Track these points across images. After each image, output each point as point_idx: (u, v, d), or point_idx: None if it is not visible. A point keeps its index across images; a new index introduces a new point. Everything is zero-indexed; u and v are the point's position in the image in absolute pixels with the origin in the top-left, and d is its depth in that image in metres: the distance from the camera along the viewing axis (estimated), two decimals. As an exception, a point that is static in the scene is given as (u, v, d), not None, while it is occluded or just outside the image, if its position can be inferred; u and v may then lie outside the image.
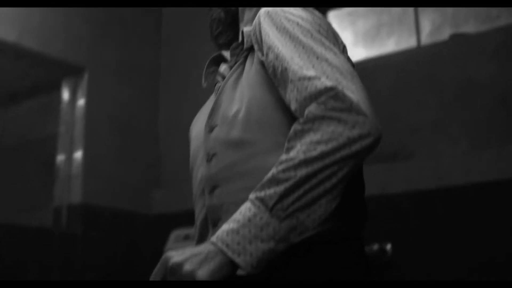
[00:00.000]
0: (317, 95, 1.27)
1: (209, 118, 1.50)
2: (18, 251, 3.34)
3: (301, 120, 1.28)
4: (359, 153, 1.24)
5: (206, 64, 1.67)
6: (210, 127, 1.48)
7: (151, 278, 1.28)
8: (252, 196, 1.26)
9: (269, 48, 1.40)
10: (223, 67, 1.62)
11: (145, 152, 3.99)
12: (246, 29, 1.54)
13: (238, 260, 1.22)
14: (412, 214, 3.33)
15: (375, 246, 3.33)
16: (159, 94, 4.25)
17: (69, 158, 3.82)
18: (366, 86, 1.32)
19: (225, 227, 1.25)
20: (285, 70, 1.35)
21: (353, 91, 1.26)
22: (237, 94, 1.47)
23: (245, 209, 1.25)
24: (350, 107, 1.24)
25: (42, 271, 3.41)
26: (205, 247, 1.25)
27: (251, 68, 1.47)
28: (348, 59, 1.45)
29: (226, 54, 1.64)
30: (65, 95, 3.93)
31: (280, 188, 1.23)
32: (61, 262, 3.49)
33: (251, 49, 1.51)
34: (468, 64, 3.33)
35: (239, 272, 1.26)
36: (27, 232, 3.42)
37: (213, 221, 1.46)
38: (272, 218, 1.22)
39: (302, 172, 1.23)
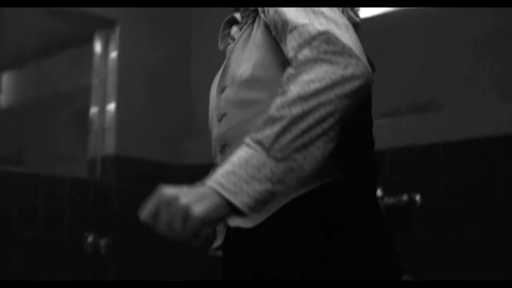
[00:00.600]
0: (310, 40, 1.29)
1: (221, 79, 1.55)
2: (54, 201, 3.41)
3: (294, 64, 1.30)
4: (353, 93, 1.26)
5: (222, 26, 1.70)
6: (221, 88, 1.54)
7: (142, 214, 1.25)
8: (247, 139, 1.25)
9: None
10: (234, 29, 1.66)
11: (177, 103, 4.03)
12: None
13: (235, 201, 1.20)
14: (442, 165, 3.34)
15: (404, 197, 3.34)
16: (191, 45, 4.26)
17: (102, 110, 3.87)
18: (398, 37, 1.35)
19: (220, 170, 1.23)
20: (284, 22, 1.37)
21: (346, 38, 1.29)
22: (245, 55, 1.50)
23: (241, 152, 1.24)
24: (343, 50, 1.27)
25: (77, 221, 3.49)
26: (201, 188, 1.23)
27: (257, 29, 1.50)
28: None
29: (238, 16, 1.66)
30: (98, 47, 3.97)
31: (277, 127, 1.23)
32: (96, 212, 3.56)
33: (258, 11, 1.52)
34: (499, 15, 3.30)
35: (235, 217, 1.25)
36: (63, 182, 3.49)
37: None
38: (269, 159, 1.21)
39: (297, 109, 1.23)
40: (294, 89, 1.25)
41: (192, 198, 1.20)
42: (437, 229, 3.29)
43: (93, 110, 3.92)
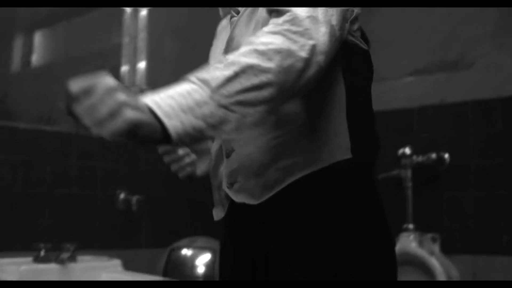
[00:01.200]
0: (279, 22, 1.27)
1: (225, 50, 1.56)
2: (85, 159, 3.46)
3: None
4: (302, 72, 1.24)
5: None
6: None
7: (73, 84, 1.14)
8: (191, 77, 1.21)
9: None
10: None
11: (206, 60, 4.03)
12: None
13: (168, 123, 1.14)
14: (471, 123, 3.34)
15: (433, 155, 3.36)
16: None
17: (133, 68, 3.91)
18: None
19: (159, 93, 1.18)
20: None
21: (314, 28, 1.26)
22: (250, 29, 1.50)
23: (184, 85, 1.20)
24: (304, 32, 1.25)
25: (109, 179, 3.54)
26: (139, 100, 1.15)
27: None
28: None
29: None
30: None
31: (229, 72, 1.19)
32: (127, 170, 3.62)
33: None
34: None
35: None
36: (94, 141, 3.53)
37: (227, 151, 1.55)
38: (212, 100, 1.17)
39: (252, 59, 1.21)
40: (251, 45, 1.23)
41: (130, 101, 1.12)
42: (466, 187, 3.30)
43: (124, 68, 3.96)
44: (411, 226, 3.31)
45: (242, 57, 1.21)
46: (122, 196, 3.53)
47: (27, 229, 3.24)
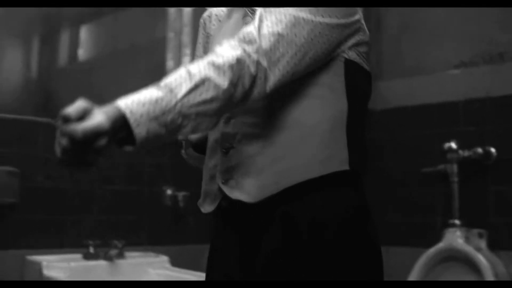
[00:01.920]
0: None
1: None
2: (133, 156, 3.51)
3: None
4: (246, 91, 1.41)
5: None
6: None
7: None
8: (161, 82, 1.36)
9: None
10: None
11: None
12: None
13: (136, 130, 1.28)
14: (517, 117, 3.31)
15: (479, 149, 3.33)
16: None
17: (178, 63, 3.93)
18: None
19: (132, 97, 1.31)
20: None
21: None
22: None
23: (153, 90, 1.34)
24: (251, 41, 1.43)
25: (156, 176, 3.58)
26: (109, 107, 1.29)
27: None
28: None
29: None
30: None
31: (191, 84, 1.34)
32: (174, 166, 3.65)
33: None
34: None
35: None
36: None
37: (225, 147, 1.60)
38: (175, 109, 1.32)
39: (210, 71, 1.37)
40: (212, 56, 1.40)
41: (95, 113, 1.26)
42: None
43: (169, 63, 3.99)
44: (457, 221, 3.29)
45: (202, 68, 1.37)
46: (169, 192, 3.58)
47: (76, 226, 3.31)
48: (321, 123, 1.53)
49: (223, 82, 1.36)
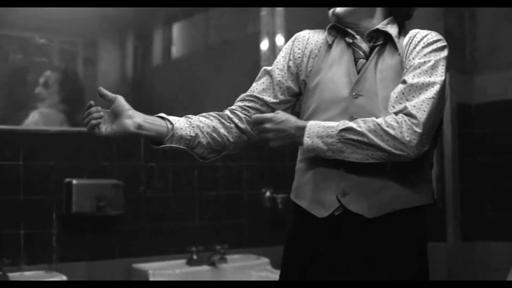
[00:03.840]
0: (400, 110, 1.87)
1: (354, 85, 1.98)
2: (231, 160, 3.55)
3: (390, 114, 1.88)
4: (396, 159, 1.86)
5: (328, 26, 2.11)
6: (356, 94, 1.96)
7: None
8: (346, 121, 1.89)
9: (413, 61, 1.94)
10: (363, 44, 2.04)
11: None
12: (381, 27, 2.02)
13: (304, 140, 1.88)
14: None
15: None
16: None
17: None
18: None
19: (322, 123, 1.90)
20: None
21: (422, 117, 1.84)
22: (377, 75, 1.98)
23: (335, 123, 1.88)
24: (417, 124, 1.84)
25: (255, 178, 3.62)
26: (294, 126, 1.91)
27: (389, 59, 2.00)
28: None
29: (351, 30, 2.06)
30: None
31: (352, 125, 1.85)
32: (272, 169, 3.68)
33: (385, 43, 2.02)
34: None
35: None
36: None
37: (344, 167, 1.94)
38: (336, 136, 1.86)
39: (376, 137, 1.83)
40: (381, 124, 1.85)
41: (278, 137, 1.93)
42: None
43: (263, 57, 4.01)
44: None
45: (369, 132, 1.84)
46: (267, 194, 3.62)
47: (179, 233, 3.38)
48: (421, 160, 1.92)
49: (384, 147, 1.84)
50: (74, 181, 3.10)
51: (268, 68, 2.16)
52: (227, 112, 2.13)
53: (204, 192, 3.47)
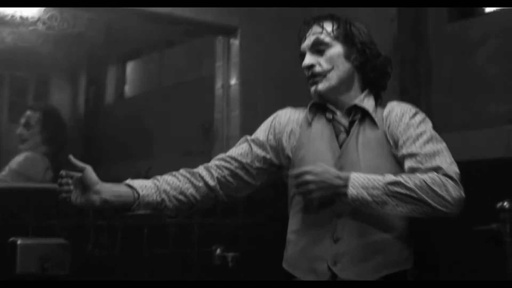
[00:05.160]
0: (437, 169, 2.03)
1: (338, 159, 2.15)
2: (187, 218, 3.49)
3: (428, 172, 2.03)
4: (439, 215, 1.99)
5: (310, 104, 2.28)
6: (339, 167, 2.11)
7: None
8: (391, 175, 2.02)
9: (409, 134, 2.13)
10: (343, 120, 2.22)
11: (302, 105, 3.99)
12: (358, 104, 2.19)
13: (350, 191, 1.98)
14: None
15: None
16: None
17: (227, 117, 3.90)
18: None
19: (366, 175, 2.01)
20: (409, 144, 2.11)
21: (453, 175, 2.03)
22: (359, 148, 2.14)
23: (381, 176, 2.00)
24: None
25: (206, 235, 3.55)
26: (335, 177, 2.01)
27: (369, 131, 2.17)
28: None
29: (331, 106, 2.24)
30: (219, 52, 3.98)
31: (400, 180, 1.98)
32: (224, 225, 3.63)
33: (362, 118, 2.19)
34: None
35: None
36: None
37: (335, 237, 2.12)
38: (383, 188, 1.97)
39: (423, 194, 1.97)
40: (426, 180, 1.99)
41: (319, 188, 2.01)
42: None
43: (217, 116, 3.95)
44: None
45: (417, 188, 1.98)
46: (218, 252, 3.57)
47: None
48: (405, 229, 2.14)
49: (428, 201, 1.97)
50: (19, 241, 3.00)
51: (249, 136, 2.31)
52: (200, 169, 2.23)
53: (154, 250, 3.41)
